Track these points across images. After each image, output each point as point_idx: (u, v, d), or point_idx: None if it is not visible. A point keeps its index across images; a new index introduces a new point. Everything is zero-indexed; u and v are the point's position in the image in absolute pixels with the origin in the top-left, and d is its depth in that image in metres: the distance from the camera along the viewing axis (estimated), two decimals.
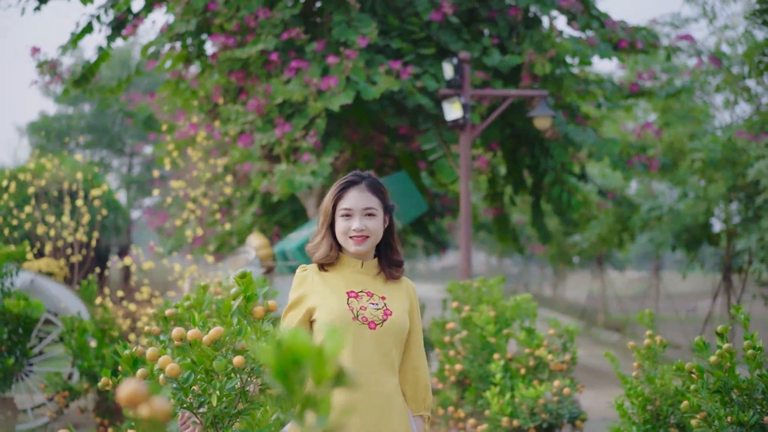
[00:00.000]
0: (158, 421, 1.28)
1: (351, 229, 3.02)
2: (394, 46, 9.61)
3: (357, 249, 3.04)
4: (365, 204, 3.05)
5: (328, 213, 3.07)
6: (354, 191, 3.06)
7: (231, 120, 9.92)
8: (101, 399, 7.28)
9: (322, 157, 9.20)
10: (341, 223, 3.04)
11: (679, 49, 10.88)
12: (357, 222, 3.02)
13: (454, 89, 8.83)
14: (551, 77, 10.15)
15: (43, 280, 8.44)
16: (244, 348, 2.85)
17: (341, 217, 3.04)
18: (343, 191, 3.06)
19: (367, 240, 3.04)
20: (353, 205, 3.03)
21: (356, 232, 3.02)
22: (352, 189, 3.06)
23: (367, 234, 3.03)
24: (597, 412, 8.94)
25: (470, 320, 6.78)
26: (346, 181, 3.08)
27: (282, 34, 9.38)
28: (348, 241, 3.04)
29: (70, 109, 29.10)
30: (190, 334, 2.89)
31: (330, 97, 8.88)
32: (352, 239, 3.03)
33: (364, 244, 3.04)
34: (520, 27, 10.36)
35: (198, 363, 2.85)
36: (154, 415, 1.28)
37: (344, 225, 3.03)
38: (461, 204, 8.98)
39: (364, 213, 3.04)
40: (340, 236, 3.05)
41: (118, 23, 11.17)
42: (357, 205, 3.03)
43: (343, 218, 3.04)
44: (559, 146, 10.33)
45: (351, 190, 3.06)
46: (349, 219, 3.03)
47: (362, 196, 3.05)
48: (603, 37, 10.19)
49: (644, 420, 4.71)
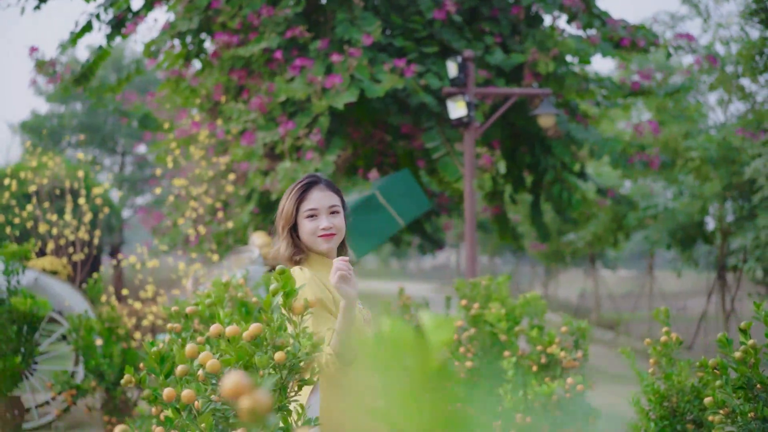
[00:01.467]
0: (260, 412, 1.29)
1: (320, 228, 3.05)
2: (397, 45, 9.63)
3: (328, 246, 3.08)
4: (330, 202, 3.09)
5: (290, 216, 3.08)
6: (316, 191, 3.09)
7: (233, 118, 9.90)
8: (108, 397, 7.26)
9: (326, 155, 9.20)
10: (307, 224, 3.07)
11: (680, 48, 10.93)
12: (325, 221, 3.06)
13: (458, 87, 8.84)
14: (553, 76, 10.18)
15: (47, 278, 8.41)
16: (284, 344, 2.85)
17: (306, 218, 3.07)
18: (305, 193, 3.08)
19: (335, 237, 3.09)
20: (318, 205, 3.07)
21: (325, 230, 3.06)
22: (314, 189, 3.09)
23: (334, 231, 3.08)
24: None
25: (480, 318, 6.79)
26: (306, 183, 3.10)
27: (285, 32, 9.37)
28: (317, 240, 3.07)
29: (62, 108, 28.98)
30: (228, 330, 2.89)
31: (334, 95, 8.89)
32: (321, 237, 3.06)
33: (333, 241, 3.09)
34: (522, 26, 10.38)
35: (238, 359, 2.85)
36: (256, 407, 1.28)
37: (311, 225, 3.06)
38: (465, 203, 8.99)
39: (329, 211, 3.08)
40: (308, 237, 3.07)
41: (117, 22, 11.14)
42: (322, 204, 3.07)
43: (308, 219, 3.07)
44: (561, 144, 10.36)
45: (312, 190, 3.09)
46: (315, 219, 3.07)
47: (325, 195, 3.09)
48: (605, 35, 10.23)
49: (661, 416, 4.74)
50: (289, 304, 2.85)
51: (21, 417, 7.21)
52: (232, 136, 9.93)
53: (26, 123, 27.78)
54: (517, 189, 11.81)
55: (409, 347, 1.26)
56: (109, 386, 7.22)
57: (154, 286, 8.49)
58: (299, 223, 3.09)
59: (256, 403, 1.27)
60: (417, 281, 43.53)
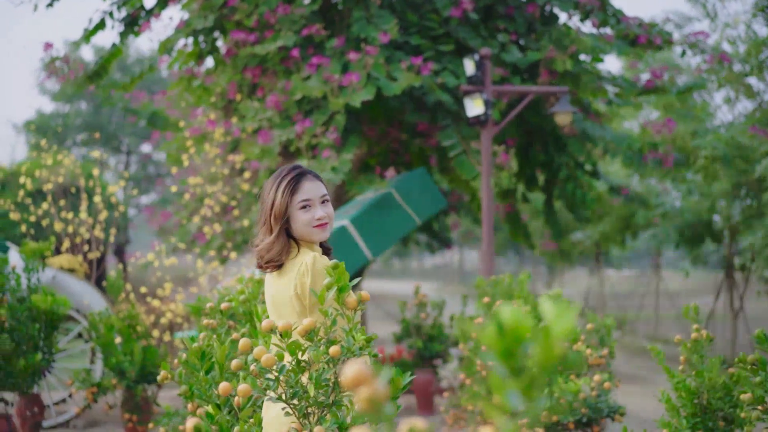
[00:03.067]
0: (378, 402, 1.28)
1: (315, 219, 3.03)
2: (413, 43, 9.62)
3: (323, 236, 3.07)
4: (321, 191, 3.07)
5: (284, 209, 3.03)
6: (307, 182, 3.06)
7: (248, 117, 9.90)
8: (129, 395, 7.26)
9: (342, 153, 9.20)
10: (302, 215, 3.03)
11: (695, 45, 10.92)
12: (319, 210, 3.04)
13: (475, 85, 8.83)
14: (568, 74, 10.18)
15: (65, 276, 8.41)
16: (337, 338, 2.85)
17: (300, 209, 3.03)
18: (297, 184, 3.04)
19: (328, 226, 3.08)
20: (312, 195, 3.04)
21: (320, 220, 3.04)
22: (304, 180, 3.06)
23: (327, 220, 3.06)
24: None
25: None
26: (297, 174, 3.07)
27: (302, 30, 9.37)
28: (313, 231, 3.05)
29: (67, 107, 28.98)
30: (280, 325, 2.89)
31: (351, 93, 8.89)
32: (317, 228, 3.04)
33: (326, 230, 3.07)
34: (537, 24, 10.38)
35: (290, 354, 2.84)
36: (376, 397, 1.28)
37: (306, 216, 3.03)
38: (483, 201, 8.99)
39: (321, 200, 3.06)
40: (303, 228, 3.04)
41: (131, 20, 11.14)
42: (315, 195, 3.05)
43: (302, 210, 3.03)
44: (577, 142, 10.36)
45: (303, 181, 3.05)
46: (309, 209, 3.04)
47: (315, 186, 3.07)
48: (619, 33, 10.23)
49: (691, 413, 4.74)
50: (342, 299, 2.85)
51: (41, 414, 7.21)
52: (247, 134, 9.92)
53: (31, 122, 27.77)
54: (529, 187, 11.81)
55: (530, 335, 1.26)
56: (129, 384, 7.22)
57: (171, 284, 8.48)
58: (292, 215, 3.05)
59: (375, 393, 1.27)
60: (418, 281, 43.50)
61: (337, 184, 10.23)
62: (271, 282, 3.17)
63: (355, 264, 9.17)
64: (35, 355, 6.74)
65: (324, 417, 2.84)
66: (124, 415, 7.29)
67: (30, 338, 6.74)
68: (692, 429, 4.71)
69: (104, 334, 7.32)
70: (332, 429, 2.76)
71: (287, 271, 3.08)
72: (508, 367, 1.26)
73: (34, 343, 6.81)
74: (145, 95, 12.78)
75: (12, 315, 6.61)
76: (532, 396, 1.26)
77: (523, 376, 1.25)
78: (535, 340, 1.25)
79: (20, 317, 6.70)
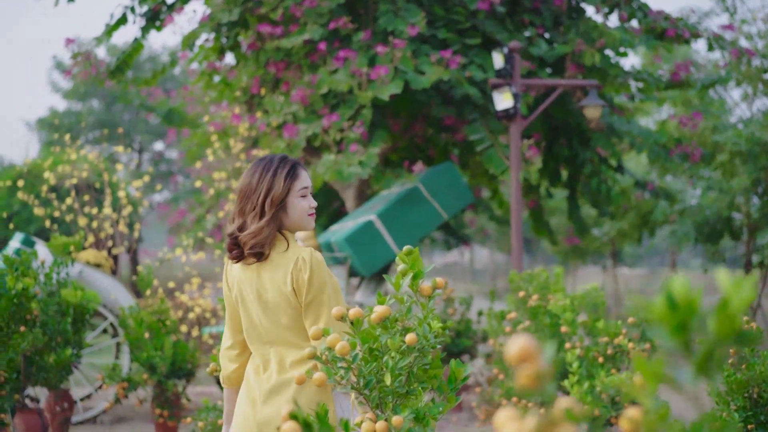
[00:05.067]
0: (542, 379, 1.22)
1: (310, 207, 3.00)
2: (439, 36, 9.55)
3: (313, 225, 3.06)
4: (311, 182, 3.06)
5: (283, 196, 2.95)
6: (303, 171, 3.03)
7: (273, 111, 9.84)
8: (160, 390, 7.19)
9: (369, 148, 9.14)
10: (301, 202, 2.98)
11: (721, 38, 10.84)
12: (312, 199, 3.02)
13: (504, 79, 8.76)
14: (595, 68, 10.10)
15: (92, 271, 8.36)
16: (412, 327, 2.78)
17: (300, 197, 2.98)
18: (296, 171, 3.00)
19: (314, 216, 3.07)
20: (309, 184, 3.02)
21: (312, 209, 3.02)
22: (301, 169, 3.02)
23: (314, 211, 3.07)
24: None
25: (539, 309, 6.73)
26: (294, 162, 3.02)
27: (328, 23, 9.31)
28: (308, 219, 3.01)
29: (80, 105, 29.00)
30: (352, 312, 2.82)
31: (379, 86, 8.82)
32: (311, 216, 3.02)
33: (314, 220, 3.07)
34: (564, 17, 10.30)
35: (363, 342, 2.78)
36: (539, 373, 1.21)
37: (304, 204, 2.99)
38: (512, 195, 8.91)
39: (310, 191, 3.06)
40: (300, 215, 2.98)
41: (152, 15, 11.10)
42: (310, 184, 3.03)
43: (301, 198, 2.98)
44: (603, 137, 10.28)
45: (301, 170, 3.02)
46: (307, 198, 3.00)
47: (308, 175, 3.05)
48: (647, 27, 10.14)
49: (742, 406, 4.68)
50: (416, 285, 2.78)
51: (70, 410, 7.17)
52: (272, 129, 9.86)
53: (44, 120, 27.79)
54: (553, 182, 11.72)
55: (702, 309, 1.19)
56: (161, 379, 7.16)
57: (199, 279, 8.42)
58: (289, 202, 2.97)
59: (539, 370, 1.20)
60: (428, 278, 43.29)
61: (363, 180, 10.16)
62: (251, 276, 3.02)
63: (383, 260, 9.11)
64: (66, 350, 6.68)
65: (399, 406, 2.77)
66: (155, 410, 7.23)
67: (61, 333, 6.68)
68: (744, 422, 4.65)
69: (134, 328, 7.27)
70: (409, 419, 2.69)
71: (278, 266, 2.97)
72: (680, 343, 1.19)
73: (64, 338, 6.75)
74: (161, 92, 12.74)
75: (43, 310, 6.55)
76: (708, 372, 1.20)
77: (699, 351, 1.18)
78: (711, 314, 1.18)
79: (50, 312, 6.64)
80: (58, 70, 28.18)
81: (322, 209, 14.70)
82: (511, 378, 7.22)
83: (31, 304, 6.24)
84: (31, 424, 6.65)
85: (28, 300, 6.17)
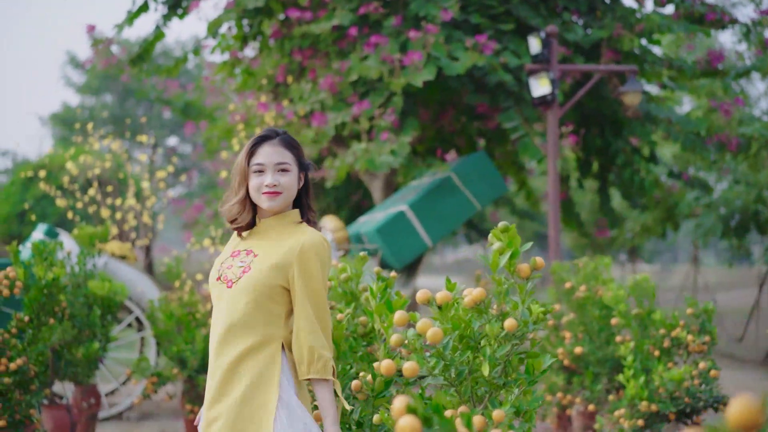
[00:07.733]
0: None
1: (263, 185, 2.85)
2: (472, 22, 9.27)
3: (269, 204, 2.86)
4: (278, 159, 2.88)
5: (245, 171, 2.88)
6: (267, 146, 2.90)
7: (299, 99, 9.58)
8: (190, 385, 6.94)
9: (401, 136, 8.87)
10: (254, 179, 2.87)
11: (760, 23, 10.54)
12: (269, 177, 2.85)
13: (541, 64, 8.47)
14: (631, 54, 9.81)
15: (117, 263, 8.12)
16: (507, 311, 2.52)
17: (254, 173, 2.88)
18: (256, 146, 2.90)
19: (279, 196, 2.87)
20: (266, 160, 2.87)
21: (268, 187, 2.85)
22: (265, 144, 2.90)
23: (279, 190, 2.86)
24: None
25: (588, 301, 6.46)
26: (259, 137, 2.93)
27: (358, 8, 9.04)
28: (261, 197, 2.87)
29: (93, 99, 28.78)
30: (439, 296, 2.56)
31: (412, 72, 8.55)
32: (265, 195, 2.86)
33: (276, 200, 2.87)
34: (598, 2, 10.01)
35: (454, 328, 2.52)
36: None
37: (257, 181, 2.87)
38: (549, 184, 8.63)
39: (277, 168, 2.87)
40: (254, 193, 2.88)
41: (174, 2, 10.87)
42: (270, 160, 2.87)
43: (255, 174, 2.88)
44: (639, 125, 9.98)
45: (264, 145, 2.90)
46: (261, 174, 2.87)
47: (275, 151, 2.89)
48: (686, 11, 9.85)
49: None
50: (513, 266, 2.52)
51: (97, 405, 6.93)
52: (300, 118, 9.60)
53: (57, 115, 27.59)
54: (584, 173, 11.42)
55: None
56: (191, 373, 6.90)
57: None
58: (249, 178, 2.88)
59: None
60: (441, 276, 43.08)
61: (391, 170, 9.89)
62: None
63: (414, 251, 8.83)
64: (93, 343, 6.43)
65: (495, 399, 2.51)
66: (185, 406, 6.98)
67: (89, 326, 6.43)
68: None
69: (164, 321, 7.02)
70: (510, 413, 2.43)
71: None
72: None
73: (92, 331, 6.50)
74: (177, 86, 12.53)
75: (71, 302, 6.30)
76: None
77: None
78: None
79: (77, 304, 6.40)
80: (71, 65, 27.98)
81: (342, 202, 14.44)
82: (557, 374, 6.96)
83: (60, 296, 5.98)
84: (60, 420, 6.40)
85: (58, 291, 5.90)
